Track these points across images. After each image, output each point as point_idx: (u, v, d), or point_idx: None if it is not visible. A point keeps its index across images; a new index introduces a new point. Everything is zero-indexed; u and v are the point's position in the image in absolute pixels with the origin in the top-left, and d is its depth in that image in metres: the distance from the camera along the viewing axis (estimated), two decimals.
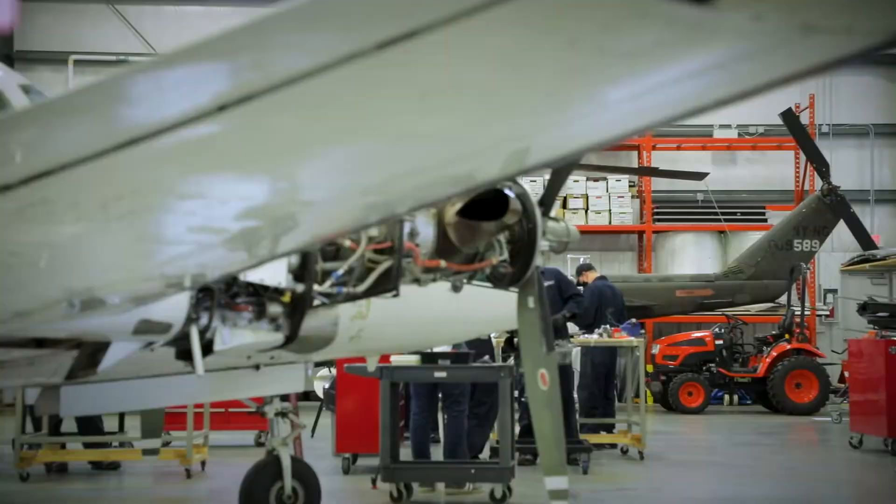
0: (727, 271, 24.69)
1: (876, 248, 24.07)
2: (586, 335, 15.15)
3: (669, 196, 28.29)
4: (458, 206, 6.64)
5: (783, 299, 24.14)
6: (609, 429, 16.02)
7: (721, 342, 23.71)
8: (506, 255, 7.00)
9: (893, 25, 2.25)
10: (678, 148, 28.30)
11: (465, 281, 7.19)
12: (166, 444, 12.89)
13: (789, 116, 23.61)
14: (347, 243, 6.35)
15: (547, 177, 7.53)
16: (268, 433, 14.81)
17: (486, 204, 6.73)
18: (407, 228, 6.50)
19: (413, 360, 10.54)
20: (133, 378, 7.73)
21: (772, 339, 23.69)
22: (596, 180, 27.19)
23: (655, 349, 24.23)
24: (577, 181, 27.10)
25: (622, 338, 14.89)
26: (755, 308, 25.70)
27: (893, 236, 27.58)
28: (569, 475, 9.84)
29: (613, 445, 15.24)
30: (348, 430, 12.70)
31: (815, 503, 11.44)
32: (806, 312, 25.34)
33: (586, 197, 27.14)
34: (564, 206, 26.98)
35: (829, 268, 27.82)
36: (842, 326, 26.90)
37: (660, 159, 27.86)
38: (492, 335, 13.46)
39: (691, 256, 27.24)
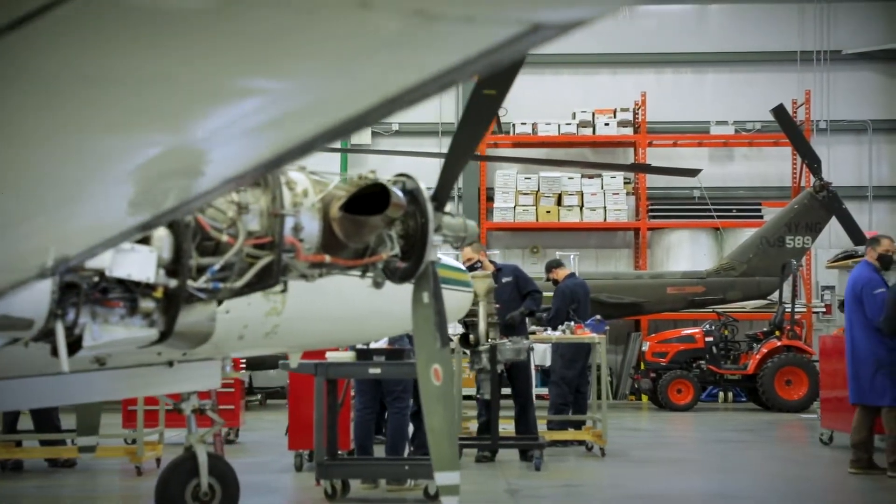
0: (719, 268, 24.61)
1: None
2: (549, 331, 15.14)
3: (665, 193, 28.22)
4: (342, 201, 6.64)
5: (776, 296, 24.06)
6: (578, 425, 15.97)
7: (711, 339, 23.68)
8: (397, 250, 7.00)
9: (519, 16, 2.20)
10: (674, 144, 28.24)
11: (359, 276, 7.19)
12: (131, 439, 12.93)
13: (781, 113, 23.49)
14: (225, 238, 6.35)
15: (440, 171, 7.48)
16: (231, 430, 14.88)
17: (373, 198, 6.73)
18: (291, 223, 6.49)
19: (348, 356, 10.55)
20: (38, 375, 7.77)
21: (762, 335, 23.63)
22: (591, 177, 27.16)
23: (646, 346, 24.21)
24: (572, 178, 27.10)
25: (584, 334, 14.86)
26: (750, 305, 25.61)
27: (891, 232, 27.26)
28: (526, 470, 9.89)
29: (582, 442, 15.20)
30: (301, 427, 12.70)
31: (750, 497, 11.35)
32: (802, 309, 25.27)
33: (581, 194, 27.10)
34: (559, 203, 26.98)
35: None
36: (839, 323, 26.73)
37: (656, 156, 27.80)
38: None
39: (687, 253, 27.18)
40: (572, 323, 15.15)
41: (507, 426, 14.44)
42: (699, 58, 28.64)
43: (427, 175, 24.15)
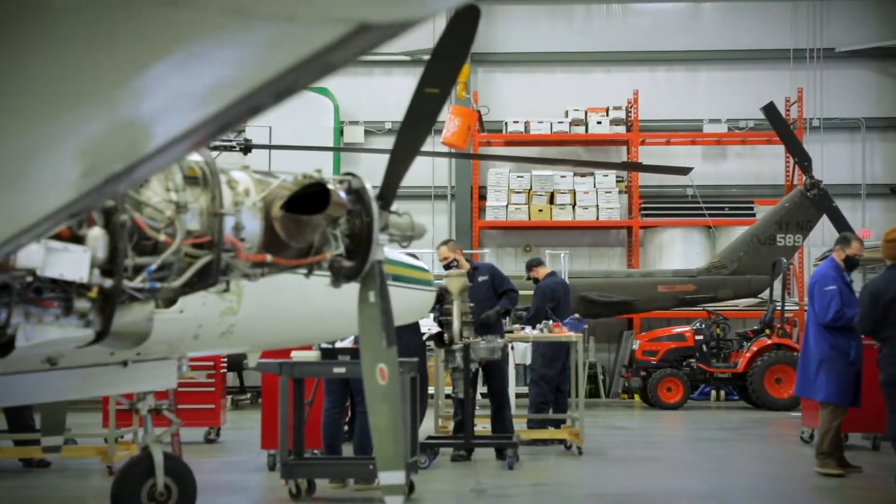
0: (710, 266, 24.58)
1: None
2: (528, 330, 15.15)
3: (659, 191, 28.21)
4: (283, 200, 6.65)
5: (767, 294, 24.04)
6: (558, 424, 15.97)
7: (701, 338, 23.67)
8: (342, 249, 7.00)
9: (343, 15, 2.19)
10: (667, 143, 28.23)
11: (305, 275, 7.19)
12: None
13: (771, 110, 23.44)
14: (163, 237, 6.35)
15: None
16: (212, 429, 14.91)
17: (315, 198, 6.73)
18: (231, 223, 6.49)
19: (313, 355, 10.56)
20: None
21: (752, 334, 23.63)
22: (583, 175, 27.15)
23: (636, 345, 24.22)
24: (565, 177, 27.10)
25: (562, 333, 14.86)
26: (743, 303, 25.60)
27: (884, 230, 27.21)
28: (499, 470, 9.89)
29: (562, 441, 15.19)
30: (274, 426, 12.69)
31: (713, 495, 11.33)
32: (793, 307, 25.24)
33: (573, 192, 27.09)
34: (552, 201, 26.98)
35: None
36: None
37: (649, 154, 27.81)
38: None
39: (679, 252, 27.18)
40: (550, 322, 15.16)
41: (487, 425, 14.47)
42: (693, 56, 28.62)
43: (420, 172, 24.10)
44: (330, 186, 6.75)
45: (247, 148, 21.21)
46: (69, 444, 13.26)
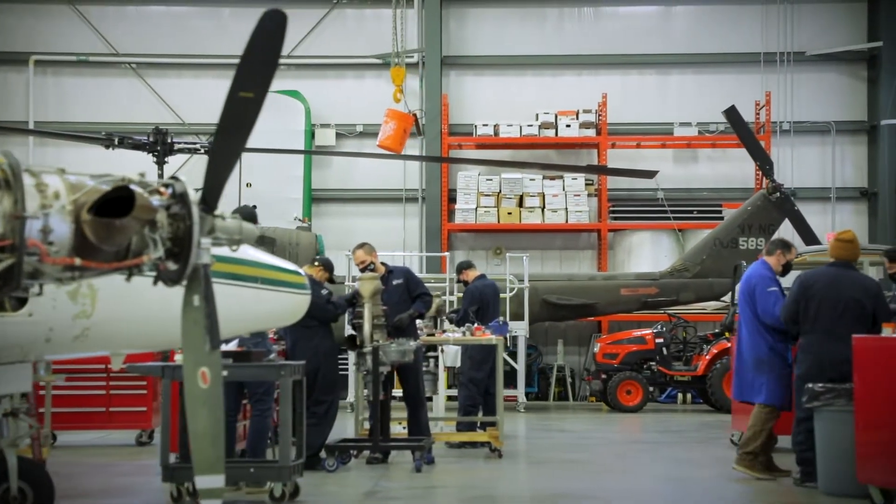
0: (672, 269, 24.58)
1: (820, 244, 23.86)
2: (452, 333, 15.21)
3: (629, 194, 28.23)
4: (90, 203, 6.70)
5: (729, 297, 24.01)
6: (486, 427, 16.01)
7: (662, 341, 23.70)
8: (161, 253, 7.05)
9: None
10: (638, 146, 28.23)
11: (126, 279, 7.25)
12: None
13: (732, 114, 23.41)
14: None
15: None
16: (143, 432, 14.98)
17: (126, 201, 6.79)
18: (38, 226, 6.52)
19: None
20: None
21: (712, 337, 23.65)
22: (552, 178, 27.19)
23: (596, 347, 24.25)
24: (534, 180, 27.16)
25: (483, 336, 14.92)
26: (711, 306, 25.60)
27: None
28: (407, 472, 9.93)
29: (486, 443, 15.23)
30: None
31: (600, 497, 11.36)
32: None
33: (542, 195, 27.14)
34: (521, 204, 27.03)
35: None
36: None
37: (620, 157, 27.82)
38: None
39: (648, 254, 27.21)
40: (472, 325, 15.23)
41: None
42: (664, 59, 28.66)
43: (391, 175, 24.15)
44: (136, 189, 6.81)
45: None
46: None
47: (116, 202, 6.78)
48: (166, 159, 19.76)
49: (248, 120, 7.41)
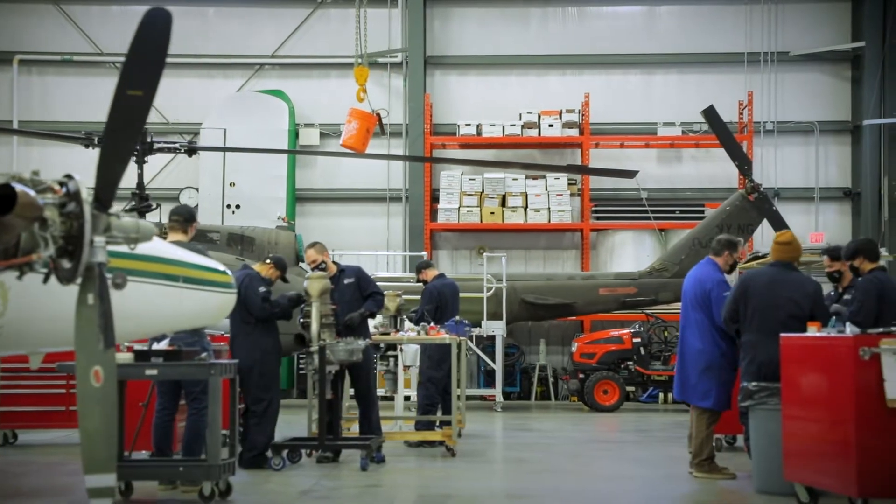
0: (651, 269, 24.57)
1: None
2: (406, 332, 15.23)
3: (613, 194, 28.23)
4: None
5: None
6: (444, 426, 16.04)
7: (639, 340, 23.73)
8: (52, 251, 7.10)
9: None
10: (622, 146, 28.24)
11: (18, 276, 7.29)
12: None
13: (710, 114, 23.38)
14: None
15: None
16: None
17: (10, 200, 6.83)
18: None
19: (127, 357, 10.65)
20: None
21: None
22: (535, 178, 27.21)
23: (574, 347, 24.26)
24: (517, 179, 27.19)
25: (437, 335, 14.94)
26: None
27: (838, 234, 27.28)
28: (353, 471, 9.96)
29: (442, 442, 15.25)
30: (130, 428, 12.82)
31: (542, 495, 11.36)
32: None
33: (525, 195, 27.16)
34: (504, 203, 27.06)
35: None
36: None
37: (603, 157, 27.84)
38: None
39: (630, 254, 27.22)
40: (427, 324, 15.27)
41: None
42: (647, 59, 28.68)
43: (375, 175, 24.31)
44: (19, 188, 6.86)
45: (190, 150, 21.42)
46: None
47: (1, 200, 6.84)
48: (146, 158, 19.88)
49: (138, 118, 7.47)
